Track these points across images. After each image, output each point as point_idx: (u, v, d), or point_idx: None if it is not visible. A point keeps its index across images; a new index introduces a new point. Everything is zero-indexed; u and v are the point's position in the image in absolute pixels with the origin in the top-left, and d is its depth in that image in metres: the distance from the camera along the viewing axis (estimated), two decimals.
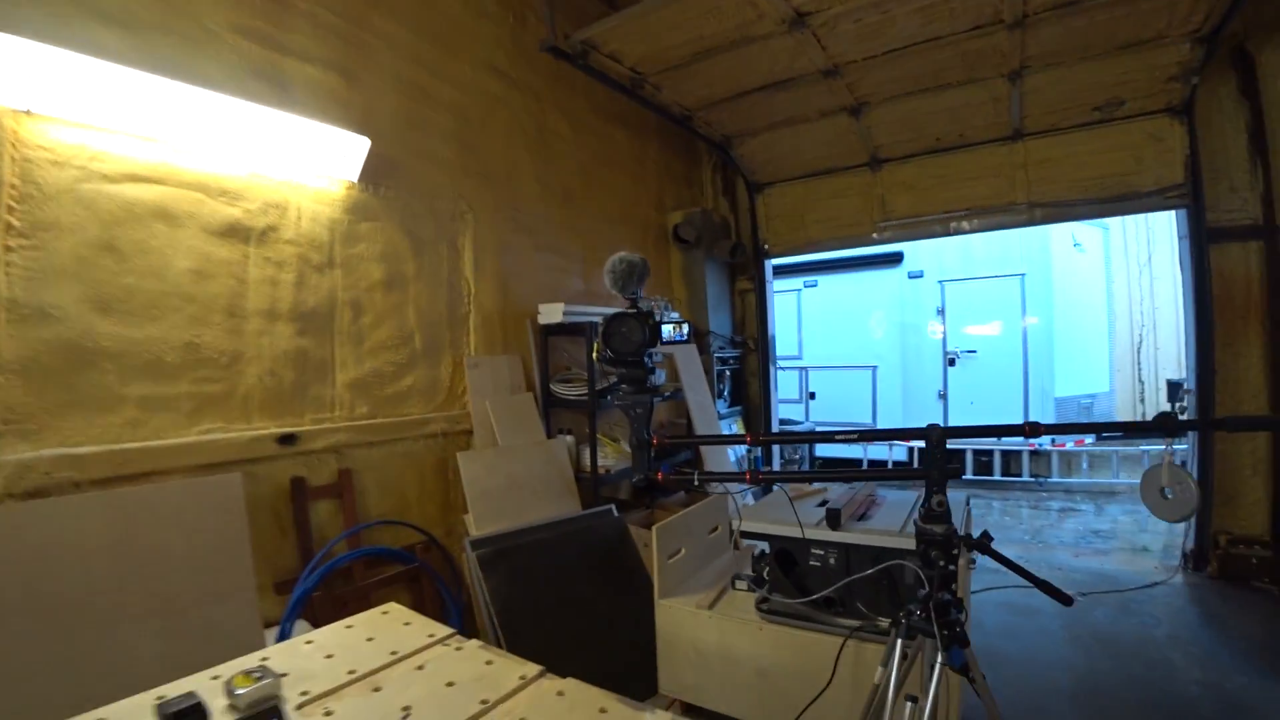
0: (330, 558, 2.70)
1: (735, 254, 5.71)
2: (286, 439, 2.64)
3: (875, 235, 5.36)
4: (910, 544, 2.08)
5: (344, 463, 2.85)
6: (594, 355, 2.03)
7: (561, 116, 4.33)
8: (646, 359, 2.09)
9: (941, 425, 1.43)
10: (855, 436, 1.63)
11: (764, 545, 2.33)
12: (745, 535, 2.28)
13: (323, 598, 2.64)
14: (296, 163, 2.69)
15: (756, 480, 1.79)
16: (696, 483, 1.75)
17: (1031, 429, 1.45)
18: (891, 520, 2.24)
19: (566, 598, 2.90)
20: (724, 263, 5.85)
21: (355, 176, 2.87)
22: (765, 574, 2.30)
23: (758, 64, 3.87)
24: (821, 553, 2.19)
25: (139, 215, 2.26)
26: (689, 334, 2.19)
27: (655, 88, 4.12)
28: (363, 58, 3.04)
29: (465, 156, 3.54)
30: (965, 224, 4.98)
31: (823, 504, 2.52)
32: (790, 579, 2.23)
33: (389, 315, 3.10)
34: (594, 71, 3.80)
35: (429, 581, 3.02)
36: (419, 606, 3.02)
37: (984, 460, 7.34)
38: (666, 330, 2.17)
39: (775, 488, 2.74)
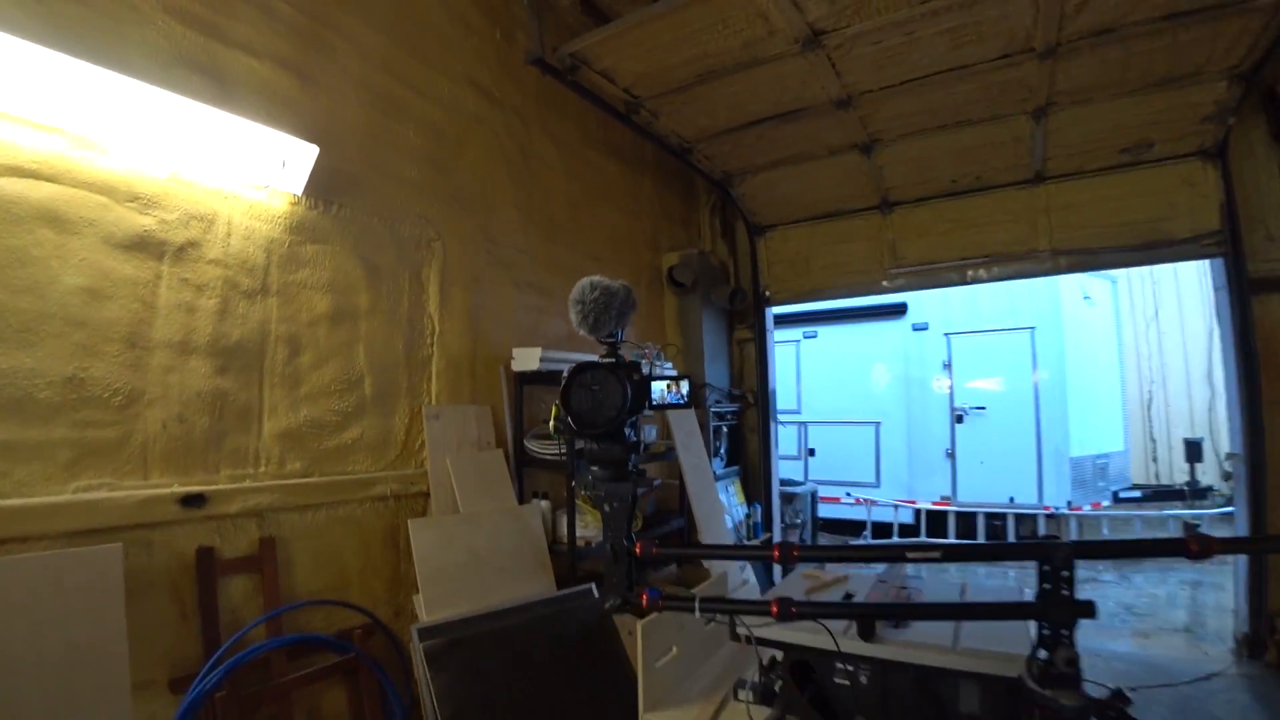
0: (242, 647, 2.19)
1: (735, 300, 5.30)
2: (193, 500, 2.16)
3: (885, 283, 4.98)
4: (967, 663, 1.63)
5: (267, 529, 2.36)
6: (550, 423, 1.56)
7: (549, 142, 3.97)
8: (628, 431, 1.60)
9: (1066, 541, 0.97)
10: (938, 555, 1.16)
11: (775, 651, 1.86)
12: (760, 642, 1.79)
13: (229, 699, 2.11)
14: (230, 169, 2.28)
15: (788, 614, 1.27)
16: (698, 614, 1.27)
17: (1200, 546, 0.97)
18: (938, 628, 1.78)
19: (534, 700, 2.37)
20: (722, 310, 5.44)
21: (300, 189, 2.46)
22: (777, 687, 1.83)
23: (765, 90, 3.55)
24: (850, 669, 1.73)
25: (19, 217, 1.84)
26: (688, 394, 1.66)
27: (652, 114, 3.78)
28: (323, 58, 2.67)
29: (436, 177, 3.15)
30: (983, 272, 4.62)
31: (847, 597, 2.07)
32: (805, 691, 1.76)
33: (334, 354, 2.65)
34: (585, 91, 3.46)
35: (369, 675, 2.50)
36: (356, 705, 2.49)
37: (997, 524, 6.87)
38: (658, 389, 1.67)
39: (797, 567, 2.27)
